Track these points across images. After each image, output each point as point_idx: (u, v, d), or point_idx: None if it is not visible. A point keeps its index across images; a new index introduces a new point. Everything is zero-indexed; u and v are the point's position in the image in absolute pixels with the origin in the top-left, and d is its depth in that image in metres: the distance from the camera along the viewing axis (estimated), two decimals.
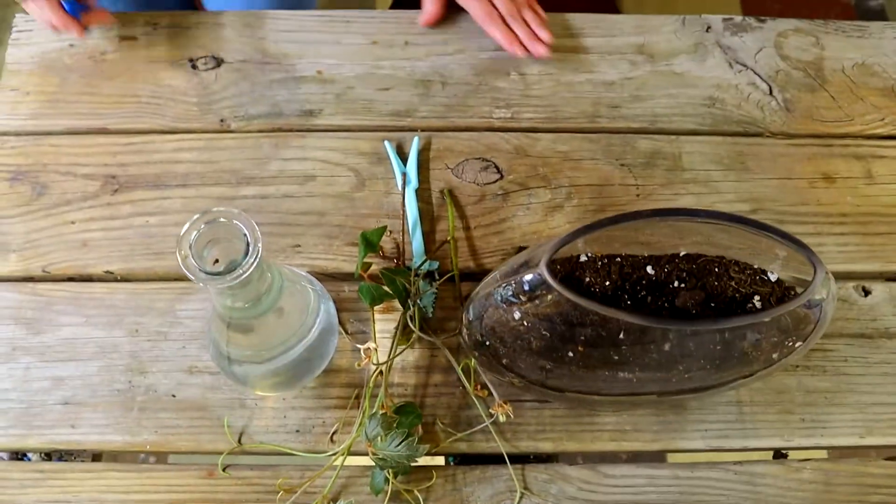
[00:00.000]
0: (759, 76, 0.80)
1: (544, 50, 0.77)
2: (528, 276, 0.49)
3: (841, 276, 0.71)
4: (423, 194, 0.73)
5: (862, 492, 0.63)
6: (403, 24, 0.82)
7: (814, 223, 0.73)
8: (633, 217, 0.50)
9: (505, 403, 0.60)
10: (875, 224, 0.73)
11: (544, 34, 0.78)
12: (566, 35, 0.82)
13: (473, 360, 0.61)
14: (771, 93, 0.79)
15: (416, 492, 0.61)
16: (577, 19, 0.83)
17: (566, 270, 0.53)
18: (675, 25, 0.82)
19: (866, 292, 0.70)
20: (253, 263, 0.47)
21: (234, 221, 0.47)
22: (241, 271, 0.46)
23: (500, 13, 0.79)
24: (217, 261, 0.50)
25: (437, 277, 0.68)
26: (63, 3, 0.72)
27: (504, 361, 0.56)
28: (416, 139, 0.75)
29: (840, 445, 0.65)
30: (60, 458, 0.64)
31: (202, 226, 0.47)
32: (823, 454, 0.66)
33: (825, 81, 0.81)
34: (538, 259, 0.49)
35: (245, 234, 0.47)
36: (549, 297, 0.49)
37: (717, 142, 0.76)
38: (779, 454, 0.66)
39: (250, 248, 0.47)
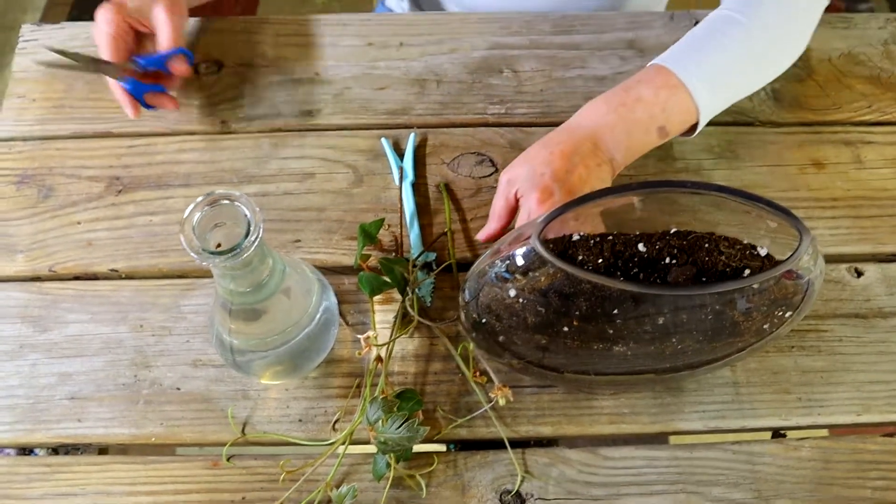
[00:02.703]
0: None
1: None
2: (522, 250, 0.50)
3: (833, 259, 0.72)
4: (420, 188, 0.74)
5: (860, 468, 0.63)
6: (398, 26, 0.84)
7: (805, 208, 0.74)
8: (622, 190, 0.51)
9: (504, 387, 0.61)
10: (866, 207, 0.74)
11: None
12: (556, 32, 0.84)
13: (472, 344, 0.62)
14: None
15: (417, 477, 0.62)
16: (568, 16, 0.85)
17: (559, 249, 0.54)
18: (664, 20, 0.84)
19: (859, 273, 0.71)
20: (254, 242, 0.48)
21: (236, 203, 0.49)
22: (241, 250, 0.48)
23: None
24: (220, 245, 0.51)
25: (434, 268, 0.69)
26: (124, 82, 0.72)
27: (501, 339, 0.57)
28: (412, 135, 0.76)
29: (837, 423, 0.65)
30: (67, 453, 0.65)
31: (205, 208, 0.49)
32: (821, 432, 0.66)
33: (812, 71, 0.82)
34: (530, 233, 0.50)
35: (246, 215, 0.49)
36: (543, 270, 0.51)
37: (707, 131, 0.77)
38: (777, 434, 0.67)
39: (251, 228, 0.48)
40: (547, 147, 0.65)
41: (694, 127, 0.69)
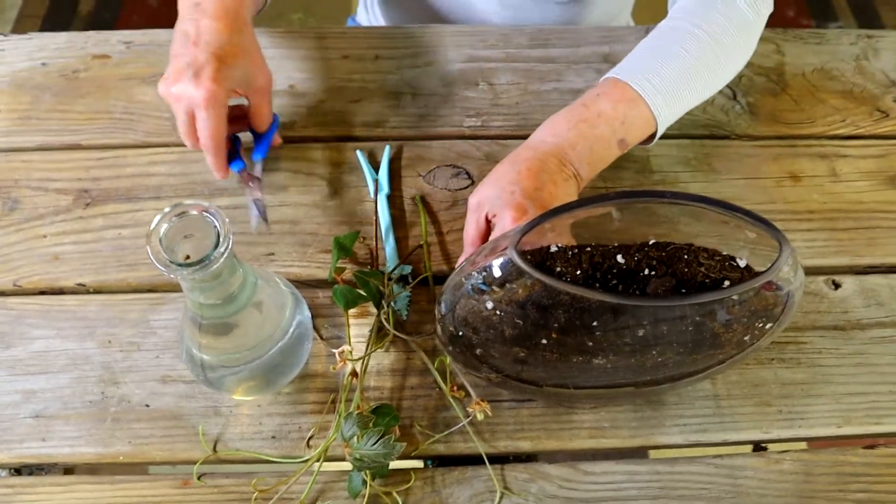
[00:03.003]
0: None
1: None
2: (498, 261, 0.50)
3: (811, 271, 0.72)
4: (395, 201, 0.73)
5: (842, 481, 0.63)
6: (373, 39, 0.83)
7: (782, 220, 0.74)
8: (600, 199, 0.50)
9: (482, 401, 0.60)
10: (842, 220, 0.75)
11: None
12: (532, 46, 0.84)
13: (449, 358, 0.61)
14: (735, 97, 0.81)
15: (394, 493, 0.60)
16: (543, 30, 0.85)
17: (536, 261, 0.53)
18: (639, 35, 0.84)
19: (836, 286, 0.71)
20: (224, 253, 0.47)
21: (205, 214, 0.48)
22: (210, 261, 0.46)
23: None
24: (188, 257, 0.50)
25: (410, 281, 0.68)
26: (233, 164, 0.70)
27: (479, 352, 0.55)
28: (387, 148, 0.75)
29: (818, 436, 0.65)
30: (31, 473, 0.63)
31: (173, 218, 0.47)
32: (802, 445, 0.66)
33: (787, 86, 0.83)
34: (506, 245, 0.49)
35: (216, 226, 0.47)
36: (520, 282, 0.50)
37: (684, 144, 0.78)
38: (758, 447, 0.66)
39: (220, 239, 0.47)
40: (514, 165, 0.65)
41: (652, 136, 0.69)
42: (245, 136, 0.73)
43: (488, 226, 0.65)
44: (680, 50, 0.68)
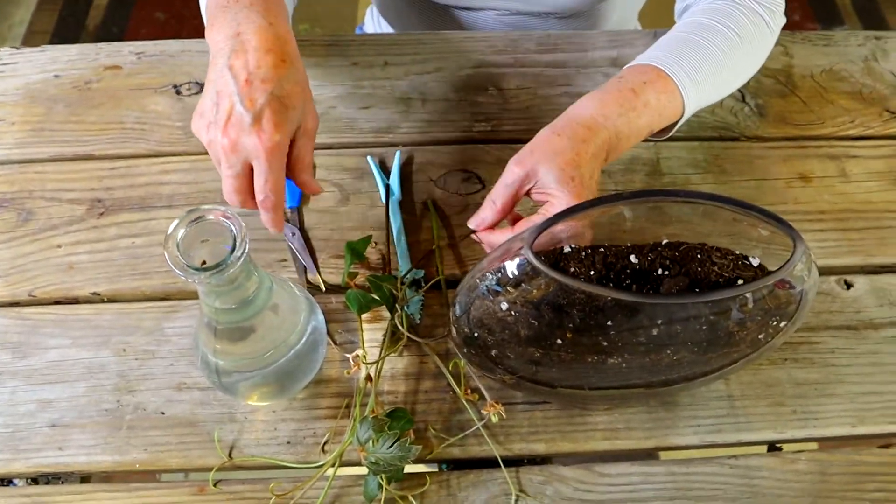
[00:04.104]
0: None
1: None
2: (514, 262, 0.50)
3: (823, 271, 0.72)
4: (406, 206, 0.74)
5: (857, 480, 0.63)
6: (383, 46, 0.84)
7: (793, 221, 0.72)
8: (614, 199, 0.50)
9: (496, 403, 0.60)
10: (853, 220, 0.75)
11: None
12: (541, 51, 0.84)
13: (463, 360, 0.61)
14: (744, 99, 0.82)
15: (410, 497, 0.60)
16: (552, 35, 0.85)
17: (550, 262, 0.53)
18: (647, 39, 0.85)
19: (848, 285, 0.71)
20: (241, 257, 0.47)
21: (221, 218, 0.48)
22: (227, 265, 0.47)
23: None
24: (205, 262, 0.50)
25: (423, 285, 0.69)
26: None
27: (493, 354, 0.56)
28: (398, 153, 0.76)
29: (833, 436, 0.65)
30: (48, 482, 0.63)
31: (190, 224, 0.48)
32: (815, 445, 0.66)
33: (795, 87, 0.83)
34: (520, 245, 0.49)
35: (232, 230, 0.48)
36: (535, 282, 0.50)
37: (693, 146, 0.78)
38: (773, 447, 0.66)
39: (237, 243, 0.47)
40: (572, 143, 0.61)
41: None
42: None
43: (520, 196, 0.62)
44: (713, 48, 0.67)
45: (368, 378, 0.62)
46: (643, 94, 0.64)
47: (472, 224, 0.64)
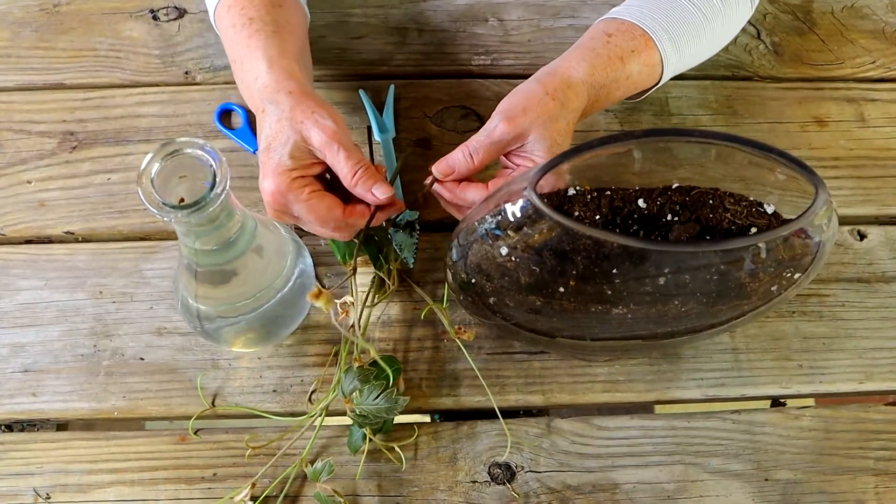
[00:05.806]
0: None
1: None
2: (515, 204, 0.46)
3: None
4: (400, 144, 0.70)
5: (862, 438, 0.61)
6: None
7: None
8: (624, 137, 0.47)
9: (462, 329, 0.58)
10: (869, 168, 0.71)
11: None
12: None
13: (459, 302, 0.58)
14: (759, 36, 0.77)
15: (397, 449, 0.58)
16: None
17: (554, 205, 0.50)
18: None
19: (862, 236, 0.68)
20: (221, 195, 0.43)
21: (199, 152, 0.44)
22: (207, 203, 0.43)
23: None
24: (183, 199, 0.46)
25: (417, 227, 0.65)
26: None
27: (491, 301, 0.52)
28: (391, 87, 0.71)
29: (839, 392, 0.63)
30: (22, 429, 0.60)
31: (165, 157, 0.44)
32: (814, 401, 0.64)
33: (814, 24, 0.78)
34: (522, 186, 0.46)
35: (212, 165, 0.44)
36: (538, 226, 0.46)
37: (704, 86, 0.74)
38: (777, 403, 0.64)
39: (217, 179, 0.43)
40: (565, 111, 0.58)
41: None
42: None
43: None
44: (700, 17, 0.63)
45: (353, 328, 0.59)
46: (629, 65, 0.61)
47: (437, 171, 0.58)
